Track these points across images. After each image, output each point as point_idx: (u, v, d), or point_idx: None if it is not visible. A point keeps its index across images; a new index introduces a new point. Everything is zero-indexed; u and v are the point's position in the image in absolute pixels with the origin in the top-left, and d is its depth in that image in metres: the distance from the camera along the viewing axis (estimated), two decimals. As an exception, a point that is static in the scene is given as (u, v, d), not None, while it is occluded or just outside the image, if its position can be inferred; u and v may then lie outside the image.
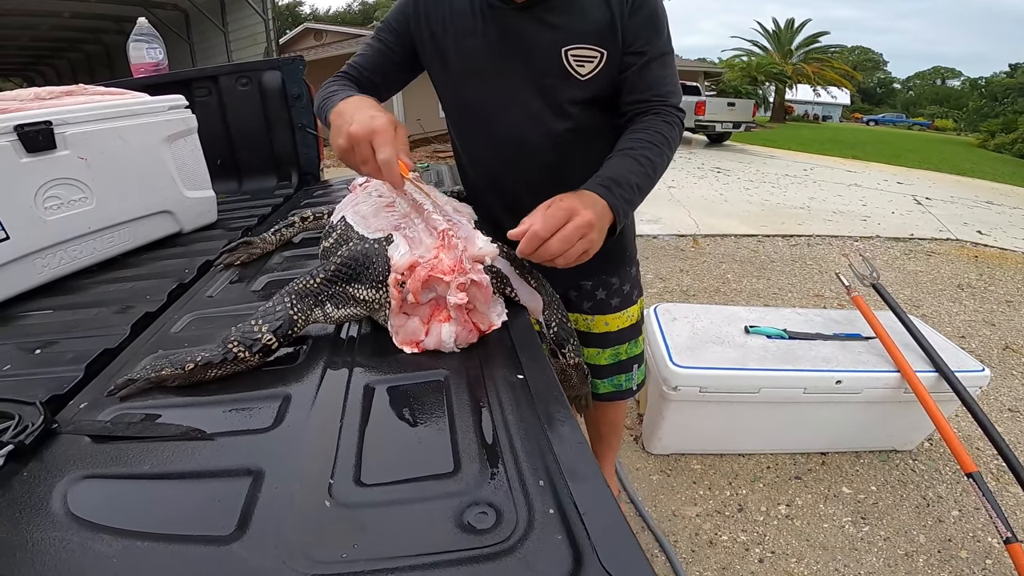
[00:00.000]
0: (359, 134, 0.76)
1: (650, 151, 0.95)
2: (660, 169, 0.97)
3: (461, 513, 0.47)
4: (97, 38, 11.54)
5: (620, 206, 0.86)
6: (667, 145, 0.98)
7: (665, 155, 0.97)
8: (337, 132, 0.80)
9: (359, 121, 0.77)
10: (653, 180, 0.96)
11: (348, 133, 0.76)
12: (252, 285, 1.06)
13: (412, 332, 0.75)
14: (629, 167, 0.92)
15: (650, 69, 1.00)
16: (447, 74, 1.08)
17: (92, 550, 0.45)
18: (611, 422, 1.58)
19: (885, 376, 1.82)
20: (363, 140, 0.76)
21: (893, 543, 1.72)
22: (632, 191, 0.90)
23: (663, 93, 1.01)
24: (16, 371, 0.80)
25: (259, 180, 2.13)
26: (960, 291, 3.90)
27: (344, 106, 0.84)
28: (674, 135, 1.00)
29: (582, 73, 1.00)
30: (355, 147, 0.77)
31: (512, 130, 1.07)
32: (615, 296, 1.31)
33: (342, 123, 0.79)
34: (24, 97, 1.19)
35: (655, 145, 0.96)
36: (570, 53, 0.98)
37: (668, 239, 4.92)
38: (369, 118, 0.77)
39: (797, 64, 24.89)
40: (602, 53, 0.98)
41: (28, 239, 1.08)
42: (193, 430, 0.60)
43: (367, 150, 0.76)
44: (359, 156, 0.77)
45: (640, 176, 0.92)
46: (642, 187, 0.92)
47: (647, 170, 0.93)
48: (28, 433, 0.58)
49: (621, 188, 0.87)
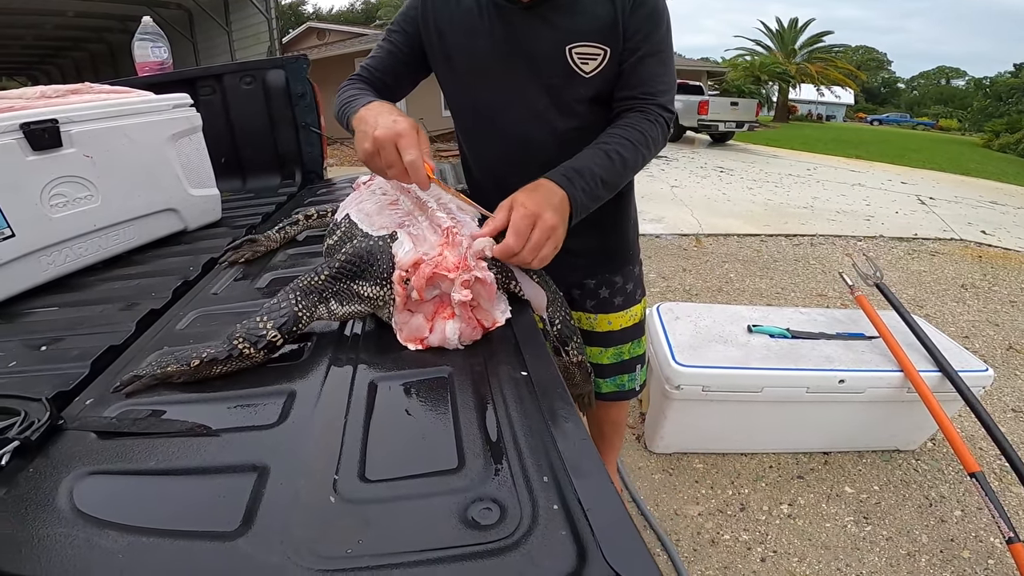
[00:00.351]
0: (384, 138, 0.79)
1: (623, 147, 0.96)
2: (632, 165, 0.98)
3: (465, 509, 0.47)
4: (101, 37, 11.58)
5: (579, 197, 0.88)
6: (644, 144, 0.98)
7: (640, 152, 0.98)
8: (363, 137, 0.83)
9: (383, 126, 0.80)
10: (622, 175, 0.98)
11: (374, 137, 0.80)
12: (256, 282, 1.06)
13: (416, 329, 0.75)
14: (597, 160, 0.94)
15: (644, 65, 1.00)
16: (453, 73, 1.09)
17: (98, 546, 0.45)
18: (614, 421, 1.58)
19: (888, 376, 1.82)
20: (388, 144, 0.79)
21: (895, 543, 1.72)
22: (595, 183, 0.91)
23: (653, 91, 1.01)
24: (22, 368, 0.80)
25: (263, 178, 2.13)
26: (964, 291, 3.90)
27: (365, 112, 0.87)
28: (655, 133, 1.00)
29: (586, 71, 1.00)
30: (380, 150, 0.80)
31: (517, 129, 1.07)
32: (618, 295, 1.31)
33: (366, 128, 0.82)
34: (30, 95, 1.19)
35: (630, 142, 0.97)
36: (574, 51, 0.99)
37: (671, 238, 4.91)
38: (392, 122, 0.80)
39: (801, 63, 24.84)
40: (605, 51, 0.99)
41: (34, 236, 1.09)
42: (198, 426, 0.60)
43: (393, 153, 0.79)
44: (385, 159, 0.80)
45: (606, 170, 0.93)
46: (607, 181, 0.94)
47: (616, 165, 0.95)
48: (34, 429, 0.58)
49: (583, 179, 0.90)
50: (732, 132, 12.76)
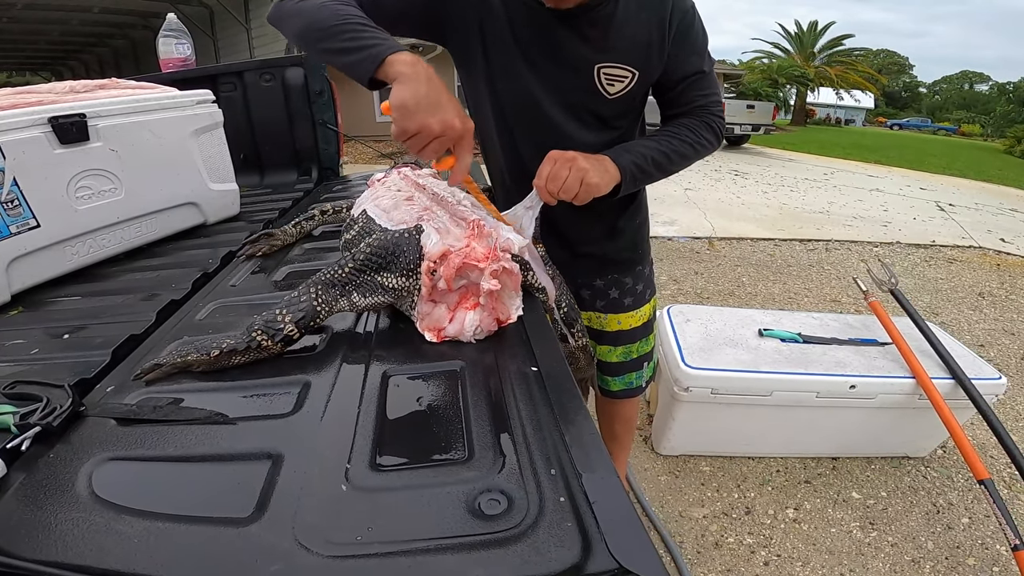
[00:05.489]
0: (450, 137, 0.74)
1: (674, 140, 1.02)
2: (681, 156, 1.03)
3: (474, 499, 0.48)
4: (124, 33, 11.74)
5: (626, 164, 0.96)
6: (695, 141, 1.03)
7: (689, 145, 1.03)
8: (414, 110, 0.71)
9: (443, 119, 0.72)
10: (672, 162, 1.02)
11: (447, 124, 0.72)
12: (273, 275, 1.08)
13: (437, 319, 0.77)
14: (648, 144, 1.01)
15: (692, 87, 1.03)
16: (473, 68, 1.06)
17: (115, 531, 0.47)
18: (625, 419, 1.59)
19: (900, 382, 1.80)
20: (450, 141, 0.75)
21: (900, 549, 1.71)
22: (645, 161, 0.98)
23: (705, 104, 1.05)
24: (45, 355, 0.82)
25: (280, 174, 2.17)
26: (981, 299, 3.84)
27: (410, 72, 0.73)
28: (707, 134, 1.05)
29: (610, 92, 0.99)
30: (438, 138, 0.73)
31: (532, 139, 1.06)
32: (628, 295, 1.31)
33: (422, 104, 0.71)
34: (59, 90, 1.22)
35: (680, 138, 1.02)
36: (603, 71, 0.97)
37: (683, 241, 4.89)
38: (455, 118, 0.73)
39: (820, 66, 24.56)
40: (634, 74, 0.97)
41: (59, 227, 1.12)
42: (216, 414, 0.62)
43: (447, 146, 0.75)
44: (434, 148, 0.74)
45: (657, 153, 1.00)
46: (658, 162, 1.00)
47: (666, 151, 1.01)
48: (56, 415, 0.60)
49: (631, 153, 0.98)
50: (748, 135, 12.66)
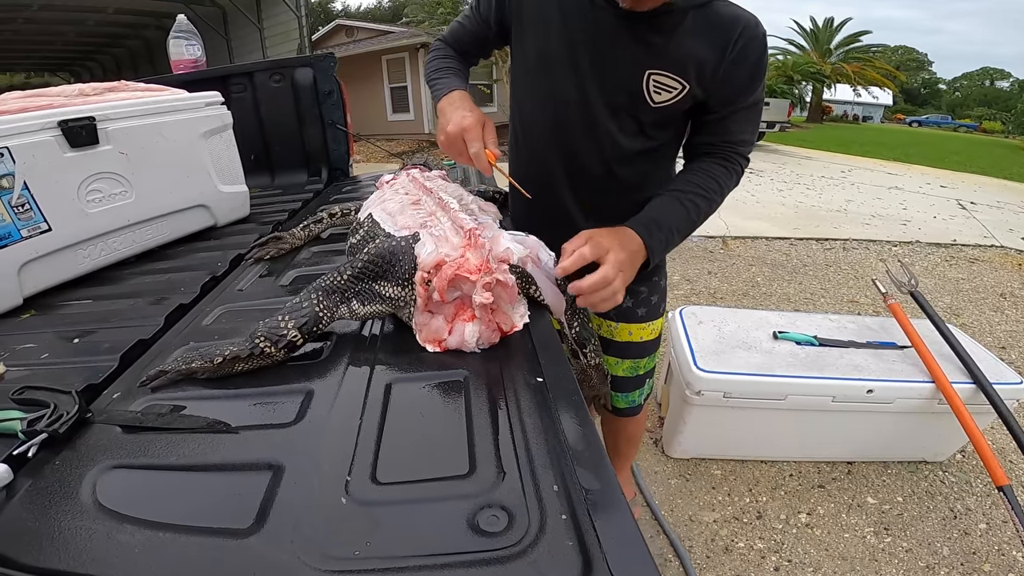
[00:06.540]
0: (454, 133, 0.92)
1: (700, 198, 0.97)
2: (705, 215, 0.99)
3: (474, 515, 0.47)
4: (139, 34, 11.86)
5: (656, 247, 0.92)
6: (719, 193, 0.99)
7: (715, 203, 0.99)
8: (440, 130, 0.96)
9: (454, 121, 0.92)
10: (695, 226, 0.99)
11: (446, 132, 0.93)
12: (281, 279, 1.08)
13: (436, 331, 0.76)
14: (675, 211, 0.96)
15: (735, 119, 0.98)
16: (523, 58, 1.06)
17: (116, 540, 0.47)
18: (629, 436, 1.58)
19: (919, 387, 1.77)
20: (457, 138, 0.92)
21: (915, 555, 1.67)
22: (671, 234, 0.95)
23: (736, 141, 1.00)
24: (54, 360, 0.83)
25: (290, 175, 2.17)
26: (1003, 300, 3.76)
27: (444, 104, 0.99)
28: (730, 183, 1.01)
29: (656, 100, 0.96)
30: (452, 143, 0.93)
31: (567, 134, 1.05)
32: (642, 305, 1.29)
33: (442, 122, 0.96)
34: (69, 93, 1.23)
35: (706, 193, 0.98)
36: (653, 77, 0.94)
37: (696, 240, 4.84)
38: (461, 118, 0.92)
39: (836, 63, 24.21)
40: (685, 86, 0.94)
41: (70, 231, 1.13)
42: (218, 423, 0.62)
43: (461, 145, 0.92)
44: (456, 149, 0.93)
45: (683, 221, 0.96)
46: (682, 231, 0.97)
47: (692, 215, 0.97)
48: (63, 422, 0.60)
49: (661, 231, 0.93)
50: (763, 133, 12.53)
